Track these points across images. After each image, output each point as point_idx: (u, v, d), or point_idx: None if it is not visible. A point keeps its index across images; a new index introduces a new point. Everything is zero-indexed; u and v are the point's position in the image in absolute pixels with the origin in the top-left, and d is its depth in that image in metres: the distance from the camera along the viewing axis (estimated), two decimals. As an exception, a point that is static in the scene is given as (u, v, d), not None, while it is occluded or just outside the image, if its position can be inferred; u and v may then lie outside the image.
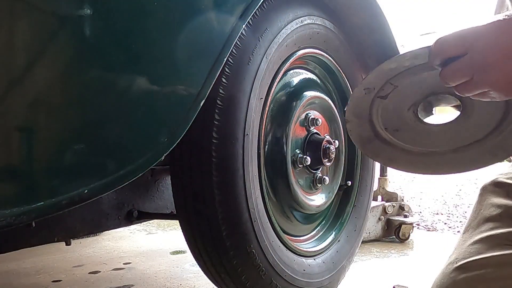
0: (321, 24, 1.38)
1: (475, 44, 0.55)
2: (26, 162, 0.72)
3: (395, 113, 0.78)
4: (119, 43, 0.81)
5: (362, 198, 1.67)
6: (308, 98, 1.39)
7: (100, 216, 1.41)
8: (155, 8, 0.84)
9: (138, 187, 1.53)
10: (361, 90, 0.76)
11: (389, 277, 1.81)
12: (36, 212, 0.71)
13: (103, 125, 0.80)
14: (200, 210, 1.11)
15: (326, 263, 1.44)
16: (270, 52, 1.17)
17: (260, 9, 1.12)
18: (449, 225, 2.98)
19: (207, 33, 0.93)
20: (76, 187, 0.75)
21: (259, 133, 1.20)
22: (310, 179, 1.43)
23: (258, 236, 1.15)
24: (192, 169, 1.10)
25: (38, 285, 1.75)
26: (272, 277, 1.21)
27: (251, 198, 1.13)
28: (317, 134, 1.42)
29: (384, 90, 0.75)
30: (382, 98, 0.76)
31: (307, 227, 1.51)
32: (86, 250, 2.27)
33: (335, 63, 1.51)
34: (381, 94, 0.76)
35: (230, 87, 1.07)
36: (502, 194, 0.74)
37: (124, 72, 0.82)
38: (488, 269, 0.64)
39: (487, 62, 0.54)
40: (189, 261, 2.01)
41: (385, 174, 2.70)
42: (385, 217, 2.46)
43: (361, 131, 0.82)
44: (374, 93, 0.76)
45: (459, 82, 0.58)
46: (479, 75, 0.56)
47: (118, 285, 1.73)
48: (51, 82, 0.74)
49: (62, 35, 0.75)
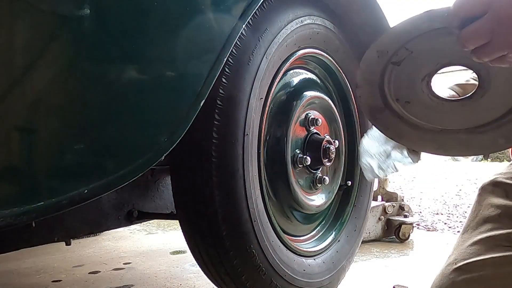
0: (321, 24, 1.38)
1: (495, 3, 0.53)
2: (26, 162, 0.72)
3: (408, 83, 0.73)
4: (119, 42, 0.81)
5: (362, 198, 1.67)
6: (308, 98, 1.39)
7: (100, 216, 1.41)
8: (155, 8, 0.84)
9: (138, 187, 1.53)
10: (373, 52, 0.71)
11: (389, 277, 1.81)
12: (36, 212, 0.71)
13: (103, 125, 0.80)
14: (200, 210, 1.11)
15: (326, 263, 1.44)
16: (270, 52, 1.17)
17: (260, 9, 1.12)
18: (449, 225, 2.98)
19: (207, 33, 0.93)
20: (76, 187, 0.75)
21: (259, 133, 1.20)
22: (310, 179, 1.43)
23: (258, 236, 1.15)
24: (192, 169, 1.10)
25: (38, 285, 1.75)
26: (272, 277, 1.21)
27: (251, 198, 1.13)
28: (317, 134, 1.42)
29: (398, 55, 0.70)
30: (395, 64, 0.71)
31: (307, 227, 1.51)
32: (86, 250, 2.27)
33: (335, 63, 1.51)
34: (395, 60, 0.71)
35: (230, 87, 1.07)
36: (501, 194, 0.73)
37: (124, 72, 0.82)
38: (487, 271, 0.64)
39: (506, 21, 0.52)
40: (189, 261, 2.01)
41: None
42: (385, 217, 2.46)
43: (372, 100, 0.77)
44: (387, 58, 0.71)
45: (477, 44, 0.56)
46: (498, 36, 0.54)
47: (118, 285, 1.73)
48: (51, 82, 0.74)
49: (61, 35, 0.75)
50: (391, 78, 0.73)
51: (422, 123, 0.77)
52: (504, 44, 0.54)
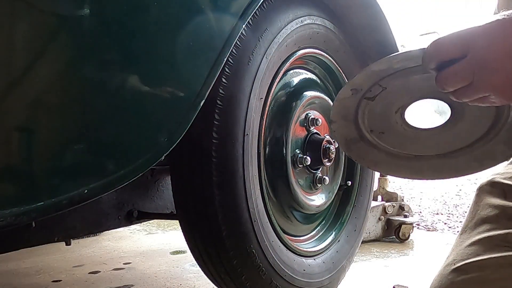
0: (321, 24, 1.38)
1: (475, 45, 0.51)
2: (26, 162, 0.72)
3: (382, 116, 0.75)
4: (119, 42, 0.81)
5: (362, 198, 1.67)
6: (308, 98, 1.39)
7: (100, 216, 1.41)
8: (155, 8, 0.84)
9: (138, 187, 1.53)
10: (347, 90, 0.74)
11: (389, 277, 1.81)
12: (36, 212, 0.71)
13: (103, 125, 0.80)
14: (200, 210, 1.11)
15: (326, 263, 1.44)
16: (270, 52, 1.17)
17: (260, 9, 1.11)
18: (449, 225, 2.98)
19: (207, 33, 0.93)
20: (76, 187, 0.75)
21: (259, 133, 1.20)
22: (310, 179, 1.43)
23: (258, 236, 1.15)
24: (192, 169, 1.10)
25: (38, 285, 1.75)
26: (272, 277, 1.21)
27: (251, 198, 1.13)
28: (317, 134, 1.42)
29: (372, 91, 0.72)
30: (370, 99, 0.73)
31: (307, 227, 1.51)
32: (86, 250, 2.27)
33: (335, 63, 1.51)
34: (369, 96, 0.73)
35: (230, 87, 1.07)
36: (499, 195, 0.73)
37: (124, 72, 0.82)
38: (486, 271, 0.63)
39: (488, 63, 0.50)
40: (189, 261, 2.01)
41: (385, 174, 2.70)
42: (385, 217, 2.46)
43: (346, 133, 0.79)
44: (361, 94, 0.73)
45: (457, 87, 0.55)
46: (480, 78, 0.52)
47: (118, 285, 1.73)
48: (51, 82, 0.74)
49: (61, 35, 0.75)
50: (365, 111, 0.75)
51: (397, 151, 0.78)
52: (485, 87, 0.53)
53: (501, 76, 0.51)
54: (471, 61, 0.52)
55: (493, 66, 0.51)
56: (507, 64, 0.50)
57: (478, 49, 0.51)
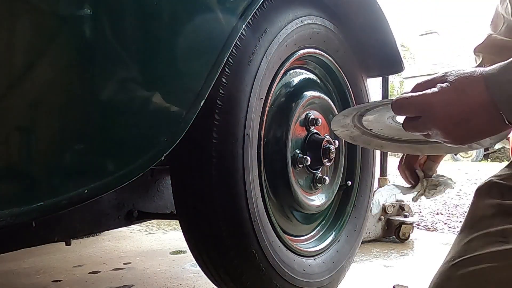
0: (321, 24, 1.38)
1: (427, 113, 0.65)
2: (26, 162, 0.72)
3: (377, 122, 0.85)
4: (119, 42, 0.81)
5: (362, 198, 1.67)
6: (308, 98, 1.39)
7: (100, 216, 1.41)
8: (155, 8, 0.84)
9: (138, 187, 1.53)
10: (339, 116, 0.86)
11: (389, 277, 1.81)
12: (36, 212, 0.71)
13: (103, 125, 0.80)
14: (200, 210, 1.11)
15: (326, 263, 1.44)
16: (270, 52, 1.17)
17: (260, 9, 1.11)
18: (449, 225, 2.98)
19: (207, 33, 0.93)
20: (76, 187, 0.75)
21: (259, 133, 1.20)
22: (310, 179, 1.43)
23: (258, 236, 1.15)
24: (192, 169, 1.10)
25: (38, 285, 1.75)
26: (272, 277, 1.21)
27: (251, 198, 1.13)
28: (317, 134, 1.42)
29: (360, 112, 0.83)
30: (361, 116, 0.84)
31: (307, 227, 1.51)
32: (86, 250, 2.27)
33: (335, 63, 1.51)
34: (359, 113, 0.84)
35: (230, 87, 1.07)
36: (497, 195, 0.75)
37: (124, 71, 0.82)
38: (483, 264, 0.65)
39: (438, 128, 0.65)
40: (189, 261, 2.01)
41: (385, 174, 2.70)
42: (385, 217, 2.46)
43: (349, 133, 0.91)
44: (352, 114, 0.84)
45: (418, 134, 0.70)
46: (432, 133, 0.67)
47: (118, 285, 1.73)
48: (51, 81, 0.74)
49: (61, 35, 0.75)
50: (360, 121, 0.86)
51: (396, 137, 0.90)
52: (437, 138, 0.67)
53: (448, 136, 0.65)
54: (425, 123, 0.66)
55: (442, 130, 0.65)
56: (453, 129, 0.64)
57: (430, 117, 0.65)
